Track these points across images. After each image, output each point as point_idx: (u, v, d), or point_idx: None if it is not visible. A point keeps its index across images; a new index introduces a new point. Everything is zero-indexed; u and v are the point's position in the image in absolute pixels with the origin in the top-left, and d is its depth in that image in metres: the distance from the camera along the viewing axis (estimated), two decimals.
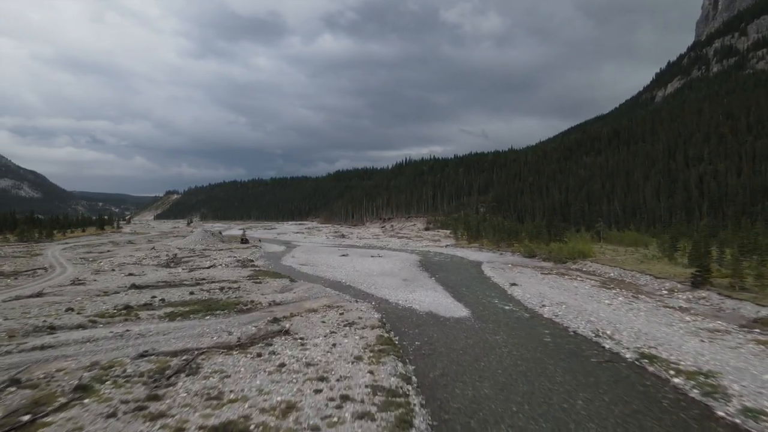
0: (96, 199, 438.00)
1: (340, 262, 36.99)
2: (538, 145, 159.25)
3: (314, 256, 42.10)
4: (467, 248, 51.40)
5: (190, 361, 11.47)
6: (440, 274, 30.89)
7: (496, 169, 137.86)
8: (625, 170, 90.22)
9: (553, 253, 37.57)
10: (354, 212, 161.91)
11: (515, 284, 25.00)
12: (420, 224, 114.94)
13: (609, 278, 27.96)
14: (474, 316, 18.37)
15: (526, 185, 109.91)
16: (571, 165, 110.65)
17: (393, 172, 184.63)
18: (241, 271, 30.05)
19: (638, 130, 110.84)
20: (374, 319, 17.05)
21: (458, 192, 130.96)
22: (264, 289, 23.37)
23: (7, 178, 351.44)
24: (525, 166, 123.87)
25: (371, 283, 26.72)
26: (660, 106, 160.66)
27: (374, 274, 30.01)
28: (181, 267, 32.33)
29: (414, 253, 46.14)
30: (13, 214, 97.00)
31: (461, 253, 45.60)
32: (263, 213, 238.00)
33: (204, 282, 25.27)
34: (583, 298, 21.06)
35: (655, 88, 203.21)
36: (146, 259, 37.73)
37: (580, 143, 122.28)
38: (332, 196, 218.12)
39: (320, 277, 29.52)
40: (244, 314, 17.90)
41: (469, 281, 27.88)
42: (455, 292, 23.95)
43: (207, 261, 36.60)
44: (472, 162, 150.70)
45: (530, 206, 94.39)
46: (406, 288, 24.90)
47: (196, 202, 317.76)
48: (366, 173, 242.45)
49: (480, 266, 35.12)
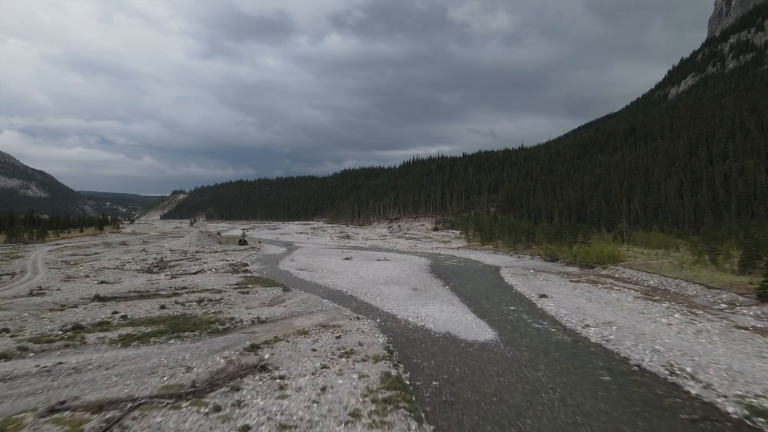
0: (103, 199, 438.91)
1: (343, 267, 33.52)
2: (550, 143, 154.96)
3: (315, 260, 38.66)
4: (481, 250, 47.72)
5: (112, 424, 8.01)
6: (455, 281, 27.29)
7: (506, 168, 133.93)
8: (643, 168, 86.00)
9: (579, 256, 33.83)
10: (360, 212, 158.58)
11: (545, 295, 21.35)
12: (428, 224, 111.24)
13: (650, 288, 24.22)
14: (503, 340, 14.80)
15: (538, 184, 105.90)
16: (585, 163, 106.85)
17: (400, 170, 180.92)
18: (230, 278, 26.68)
19: (655, 126, 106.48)
20: (378, 345, 13.55)
21: (468, 191, 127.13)
22: (250, 302, 19.95)
23: (15, 178, 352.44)
24: (537, 164, 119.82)
25: (376, 293, 23.19)
26: (675, 102, 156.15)
27: (380, 282, 26.49)
28: (165, 272, 29.03)
29: (423, 257, 42.54)
30: (12, 213, 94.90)
31: (475, 256, 41.95)
32: (269, 213, 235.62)
33: (183, 292, 21.90)
34: (633, 315, 17.38)
35: (668, 85, 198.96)
36: (130, 263, 34.52)
37: (595, 141, 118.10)
38: (338, 195, 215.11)
39: (319, 285, 26.03)
40: (218, 336, 14.49)
41: (488, 291, 24.28)
42: (475, 305, 20.38)
43: (196, 265, 33.28)
44: (482, 160, 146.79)
45: (544, 206, 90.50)
46: (416, 299, 21.34)
47: (202, 202, 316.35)
48: (373, 172, 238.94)
49: (498, 272, 31.49)
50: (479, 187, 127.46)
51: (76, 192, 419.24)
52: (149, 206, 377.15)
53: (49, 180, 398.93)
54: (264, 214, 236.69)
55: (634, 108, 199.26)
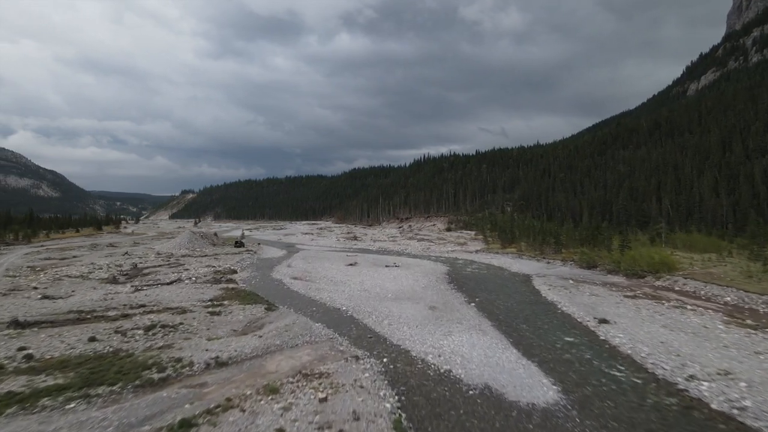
0: (114, 199, 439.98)
1: (345, 275, 28.61)
2: (568, 139, 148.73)
3: (315, 266, 33.80)
4: (503, 254, 42.53)
5: None
6: (481, 295, 22.21)
7: (521, 166, 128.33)
8: (672, 164, 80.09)
9: (624, 264, 28.55)
10: (369, 211, 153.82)
11: (605, 320, 16.20)
12: (440, 224, 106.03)
13: (732, 307, 18.95)
14: (572, 402, 9.78)
15: (557, 182, 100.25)
16: (607, 160, 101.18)
17: (411, 169, 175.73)
18: (205, 291, 21.94)
19: (682, 120, 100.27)
20: (384, 418, 8.66)
21: (482, 190, 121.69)
22: (218, 328, 15.16)
23: (27, 177, 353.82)
24: (555, 161, 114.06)
25: (383, 313, 18.22)
26: (696, 98, 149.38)
27: (388, 297, 21.52)
28: (133, 282, 24.36)
29: (439, 262, 37.46)
30: (9, 213, 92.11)
31: (498, 262, 36.79)
32: (277, 212, 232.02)
33: (136, 313, 17.13)
34: (747, 356, 12.22)
35: (687, 81, 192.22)
36: (101, 270, 29.93)
37: (616, 137, 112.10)
38: (347, 195, 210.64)
39: (313, 300, 21.14)
40: (146, 395, 9.69)
41: (526, 310, 19.14)
42: (514, 333, 15.33)
43: (175, 273, 28.55)
44: (496, 158, 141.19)
45: (565, 204, 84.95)
46: (436, 324, 16.32)
47: (210, 201, 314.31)
48: (383, 171, 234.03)
49: (530, 282, 26.36)
50: (494, 186, 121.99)
51: (87, 192, 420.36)
52: (159, 206, 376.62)
53: (60, 179, 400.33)
54: (272, 213, 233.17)
55: (651, 105, 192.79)
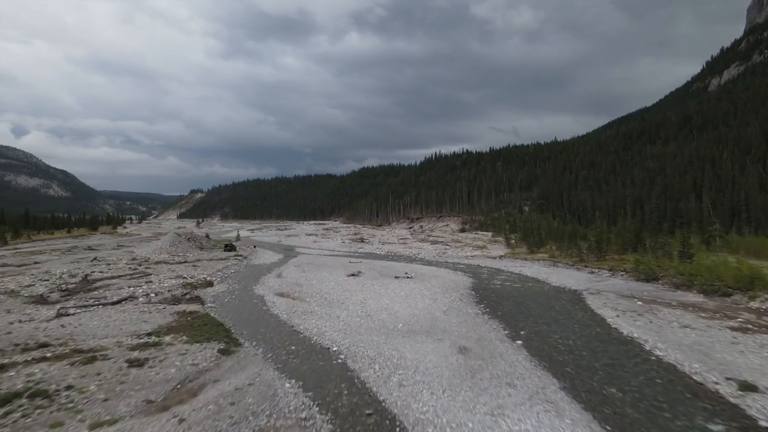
0: (124, 198, 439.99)
1: (345, 291, 22.66)
2: (587, 135, 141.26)
3: (310, 276, 27.93)
4: (532, 261, 36.33)
5: None
6: (526, 325, 16.08)
7: (539, 163, 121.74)
8: (709, 159, 73.03)
9: (700, 277, 22.32)
10: (379, 211, 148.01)
11: (751, 386, 10.15)
12: (454, 225, 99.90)
13: None
14: None
15: (579, 179, 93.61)
16: (633, 155, 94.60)
17: (421, 167, 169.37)
18: (153, 317, 16.20)
19: (716, 113, 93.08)
20: None
21: (497, 188, 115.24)
22: (124, 397, 9.41)
23: (38, 177, 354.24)
24: (576, 157, 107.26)
25: (392, 359, 12.20)
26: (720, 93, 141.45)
27: (398, 328, 15.51)
28: (66, 303, 18.70)
29: (459, 271, 31.34)
30: (2, 211, 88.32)
31: (530, 270, 30.63)
32: (285, 212, 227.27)
33: (26, 359, 11.41)
34: None
35: (708, 76, 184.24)
36: (45, 282, 24.41)
37: (642, 131, 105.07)
38: (357, 194, 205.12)
39: (296, 331, 15.29)
40: None
41: (600, 354, 12.90)
42: (605, 409, 9.30)
43: (133, 286, 22.98)
44: (511, 155, 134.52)
45: (590, 203, 78.33)
46: (474, 387, 10.24)
47: (219, 201, 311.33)
48: (393, 170, 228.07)
49: (582, 301, 20.27)
50: (510, 184, 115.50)
51: (97, 191, 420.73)
52: (168, 205, 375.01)
53: (71, 179, 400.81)
54: (279, 213, 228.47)
55: (671, 101, 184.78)
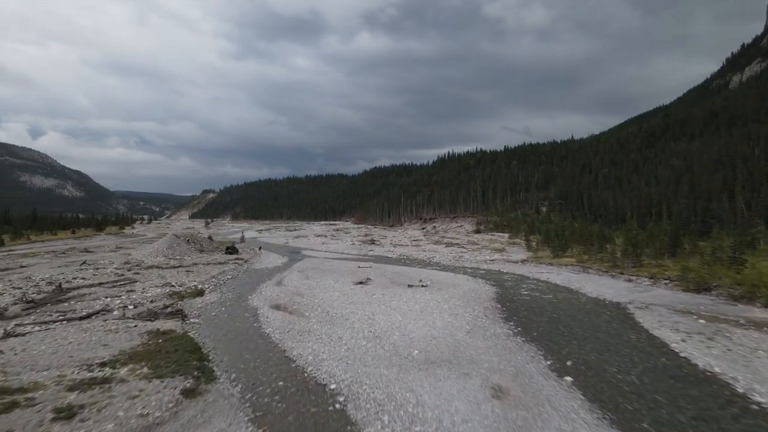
0: (138, 199, 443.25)
1: (350, 303, 19.69)
2: (605, 133, 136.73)
3: (314, 284, 25.13)
4: (558, 266, 33.18)
5: None
6: (571, 352, 13.06)
7: (555, 162, 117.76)
8: (740, 157, 68.86)
9: (764, 288, 19.06)
10: (391, 211, 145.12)
11: None
12: (468, 226, 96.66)
13: None
14: None
15: (600, 178, 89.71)
16: (657, 153, 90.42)
17: (434, 167, 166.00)
18: (118, 337, 13.54)
19: (745, 109, 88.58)
20: None
21: (513, 188, 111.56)
22: None
23: (52, 177, 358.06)
24: (595, 156, 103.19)
25: (407, 406, 9.28)
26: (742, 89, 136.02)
27: (413, 356, 12.46)
28: (23, 318, 16.13)
29: (479, 277, 28.29)
30: (7, 212, 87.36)
31: (558, 277, 27.50)
32: (296, 212, 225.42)
33: None
34: None
35: (729, 73, 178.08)
36: (15, 291, 22.00)
37: (665, 128, 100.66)
38: (368, 194, 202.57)
39: (288, 357, 12.46)
40: None
41: (683, 404, 9.66)
42: None
43: (112, 297, 20.37)
44: (527, 154, 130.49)
45: (611, 203, 74.56)
46: None
47: (230, 201, 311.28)
48: (405, 169, 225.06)
49: (630, 317, 17.20)
50: (526, 184, 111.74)
51: (111, 192, 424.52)
52: (180, 206, 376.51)
53: (86, 180, 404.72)
54: (290, 213, 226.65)
55: (690, 98, 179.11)
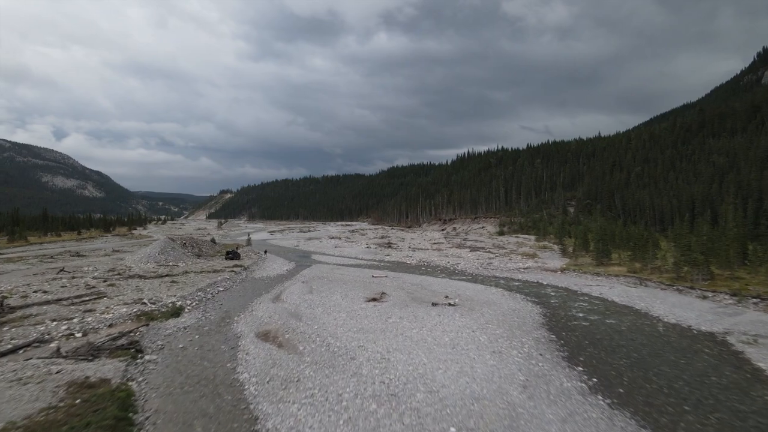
0: (157, 199, 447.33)
1: (359, 329, 15.39)
2: (631, 131, 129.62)
3: (317, 300, 20.66)
4: (607, 276, 28.42)
5: None
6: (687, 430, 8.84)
7: (582, 159, 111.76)
8: None
9: None
10: (408, 212, 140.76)
11: None
12: (491, 227, 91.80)
13: None
14: None
15: (632, 177, 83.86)
16: (694, 149, 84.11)
17: (453, 166, 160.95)
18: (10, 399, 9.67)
19: None
20: None
21: (537, 187, 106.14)
22: None
23: (73, 178, 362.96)
24: (626, 153, 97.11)
25: None
26: None
27: None
28: None
29: (515, 291, 23.76)
30: (16, 212, 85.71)
31: (613, 293, 22.84)
32: (312, 212, 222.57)
33: None
34: None
35: (760, 68, 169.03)
36: None
37: (703, 123, 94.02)
38: (386, 194, 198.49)
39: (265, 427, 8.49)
40: None
41: None
42: None
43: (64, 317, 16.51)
44: (551, 152, 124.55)
45: (648, 203, 68.90)
46: None
47: (247, 201, 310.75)
48: (423, 169, 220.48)
49: (747, 360, 12.70)
50: (551, 183, 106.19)
51: (131, 192, 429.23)
52: (198, 206, 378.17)
53: (106, 180, 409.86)
54: (307, 214, 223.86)
55: (720, 95, 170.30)
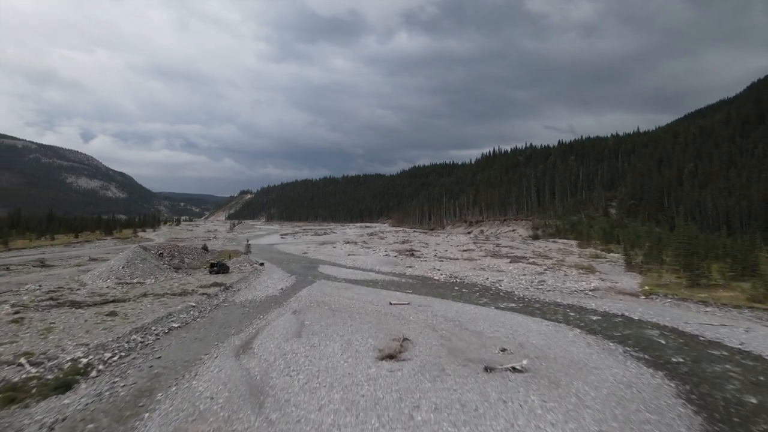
0: (178, 200, 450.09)
1: None
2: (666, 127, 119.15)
3: (304, 354, 11.45)
4: (715, 305, 20.79)
5: None
6: None
7: (621, 157, 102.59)
8: None
9: None
10: (431, 213, 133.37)
11: None
12: (522, 230, 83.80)
13: None
14: None
15: (685, 174, 74.86)
16: (755, 143, 74.86)
17: (479, 165, 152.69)
18: None
19: None
20: None
21: (573, 187, 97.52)
22: None
23: (97, 179, 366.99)
24: (675, 148, 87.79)
25: None
26: None
27: None
28: None
29: (600, 334, 16.21)
30: (18, 212, 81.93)
31: (753, 338, 15.51)
32: (332, 213, 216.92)
33: None
34: None
35: None
36: None
37: (761, 114, 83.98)
38: (407, 194, 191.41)
39: None
40: None
41: None
42: None
43: None
44: (586, 149, 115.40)
45: (710, 204, 60.08)
46: None
47: (266, 202, 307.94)
48: (445, 169, 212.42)
49: None
50: (588, 182, 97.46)
51: (153, 193, 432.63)
52: (219, 206, 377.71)
53: (129, 181, 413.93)
54: (326, 215, 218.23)
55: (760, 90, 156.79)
